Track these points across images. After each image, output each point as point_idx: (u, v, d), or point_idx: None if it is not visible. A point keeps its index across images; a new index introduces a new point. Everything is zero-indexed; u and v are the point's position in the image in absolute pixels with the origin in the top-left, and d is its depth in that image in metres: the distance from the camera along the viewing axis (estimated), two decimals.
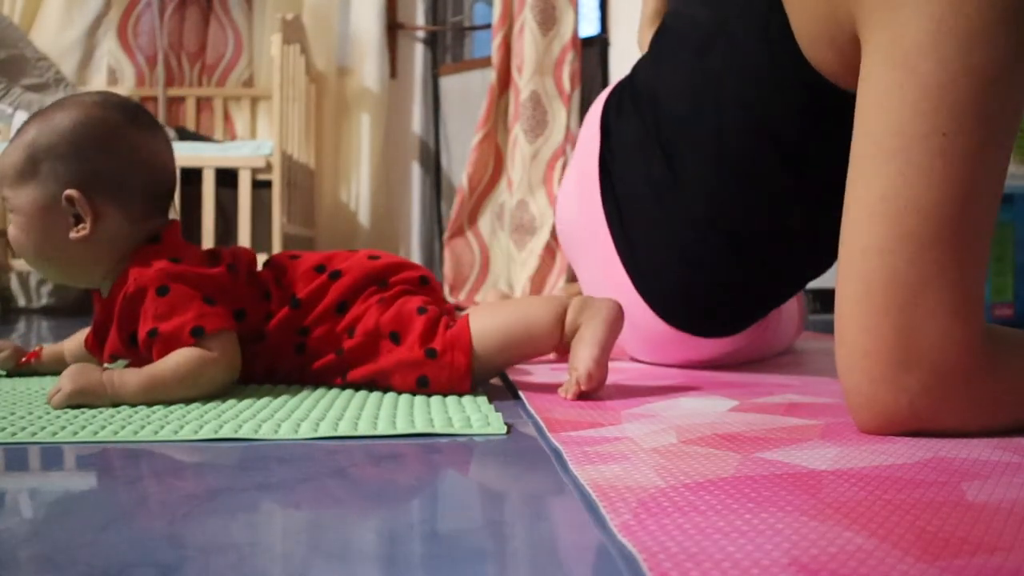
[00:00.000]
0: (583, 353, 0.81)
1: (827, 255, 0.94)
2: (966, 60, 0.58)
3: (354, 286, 0.87)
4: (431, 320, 0.84)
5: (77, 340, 0.99)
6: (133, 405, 0.76)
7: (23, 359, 0.98)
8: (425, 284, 0.91)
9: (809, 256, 0.96)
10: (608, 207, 1.04)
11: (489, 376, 0.89)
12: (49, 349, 0.99)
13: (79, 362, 0.94)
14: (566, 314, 0.85)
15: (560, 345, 0.86)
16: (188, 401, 0.78)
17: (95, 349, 0.89)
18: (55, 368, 0.98)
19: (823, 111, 0.80)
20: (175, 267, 0.81)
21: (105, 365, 0.87)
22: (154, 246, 0.84)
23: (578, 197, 1.11)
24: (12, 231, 0.83)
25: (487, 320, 0.85)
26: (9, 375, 0.98)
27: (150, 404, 0.77)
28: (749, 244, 0.93)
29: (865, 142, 0.63)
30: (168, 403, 0.77)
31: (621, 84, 1.10)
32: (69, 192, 0.81)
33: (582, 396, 0.81)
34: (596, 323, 0.83)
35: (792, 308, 1.23)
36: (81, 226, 0.82)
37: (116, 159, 0.83)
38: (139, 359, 0.83)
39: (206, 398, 0.80)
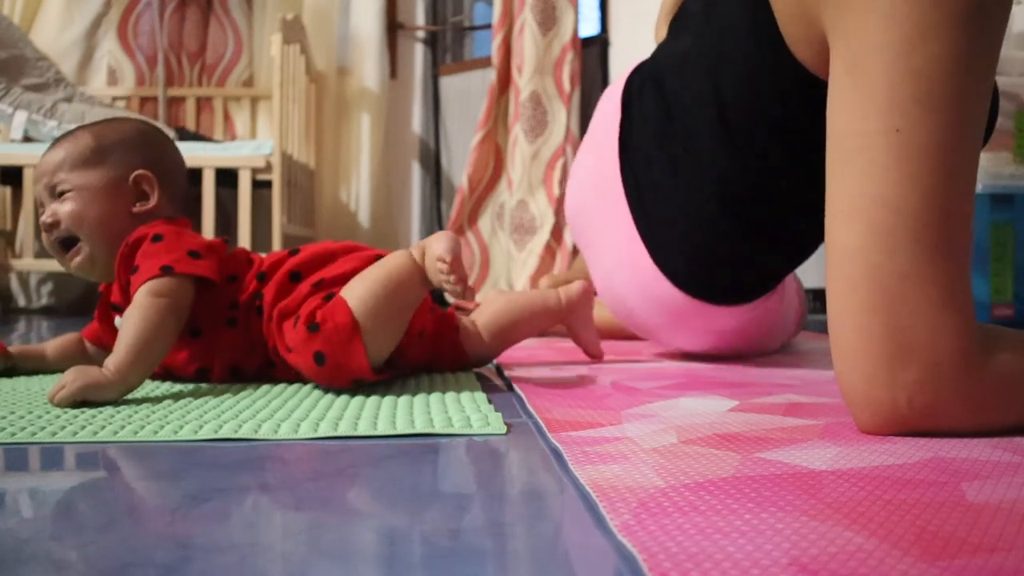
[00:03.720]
0: (435, 249, 0.83)
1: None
2: (909, 62, 0.60)
3: (307, 260, 0.94)
4: (322, 302, 0.86)
5: (60, 342, 1.03)
6: (135, 387, 0.80)
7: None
8: None
9: (813, 228, 0.98)
10: (627, 180, 1.08)
11: (388, 340, 0.87)
12: (27, 348, 1.01)
13: (62, 363, 1.00)
14: (412, 253, 0.88)
15: (424, 280, 0.87)
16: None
17: (102, 328, 0.98)
18: (36, 367, 1.00)
19: (808, 97, 0.81)
20: (179, 228, 0.94)
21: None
22: (168, 220, 0.96)
23: (595, 173, 1.15)
24: (70, 207, 0.92)
25: (355, 286, 0.86)
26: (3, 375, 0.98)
27: (146, 372, 0.81)
28: (758, 218, 0.98)
29: (832, 144, 0.66)
30: (155, 358, 0.83)
31: (642, 63, 1.14)
32: (141, 172, 0.95)
33: (453, 272, 0.82)
34: (436, 237, 0.86)
35: (792, 293, 1.27)
36: (144, 202, 0.95)
37: (167, 155, 1.00)
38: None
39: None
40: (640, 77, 1.11)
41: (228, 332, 0.92)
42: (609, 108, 1.15)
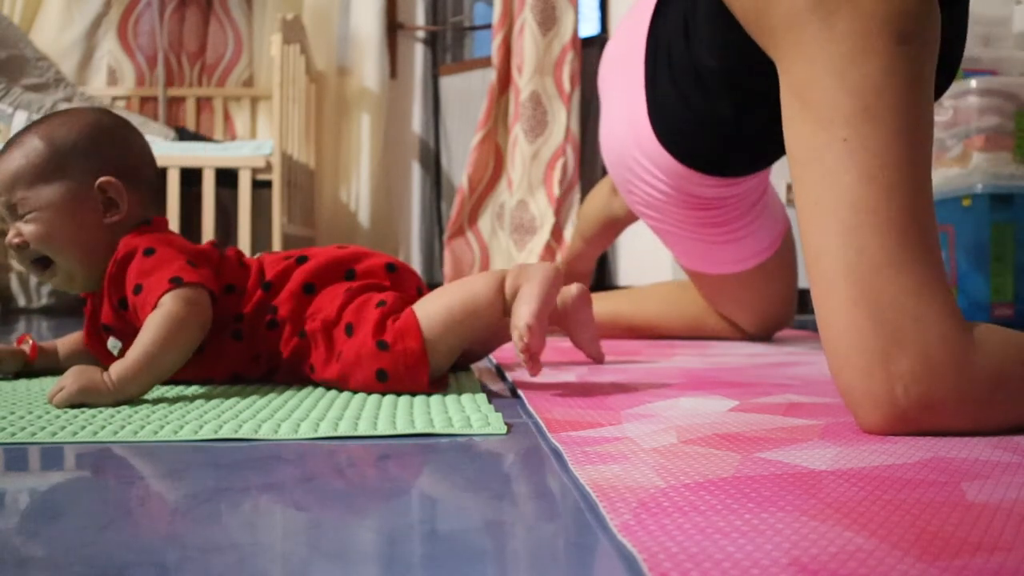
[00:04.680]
0: (522, 310, 0.81)
1: None
2: (846, 80, 0.67)
3: (319, 270, 0.91)
4: (385, 314, 0.85)
5: (70, 340, 1.01)
6: (134, 397, 0.78)
7: (19, 345, 0.98)
8: (393, 271, 0.94)
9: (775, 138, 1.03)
10: (650, 42, 1.18)
11: (447, 360, 0.87)
12: (42, 344, 1.00)
13: (71, 362, 0.98)
14: (505, 282, 0.85)
15: (506, 312, 0.86)
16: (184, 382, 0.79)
17: (92, 344, 0.94)
18: (48, 364, 0.99)
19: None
20: (164, 235, 0.90)
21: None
22: (146, 227, 0.91)
23: (633, 26, 1.24)
24: (35, 229, 0.86)
25: (431, 303, 0.86)
26: (15, 376, 0.98)
27: (149, 385, 0.79)
28: (743, 103, 1.07)
29: (791, 158, 0.72)
30: (164, 373, 0.80)
31: None
32: (105, 179, 0.88)
33: (526, 352, 0.80)
34: (534, 282, 0.83)
35: (776, 206, 1.42)
36: (114, 211, 0.89)
37: (130, 151, 0.93)
38: (128, 326, 0.87)
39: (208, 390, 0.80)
40: None
41: (232, 345, 0.89)
42: None
